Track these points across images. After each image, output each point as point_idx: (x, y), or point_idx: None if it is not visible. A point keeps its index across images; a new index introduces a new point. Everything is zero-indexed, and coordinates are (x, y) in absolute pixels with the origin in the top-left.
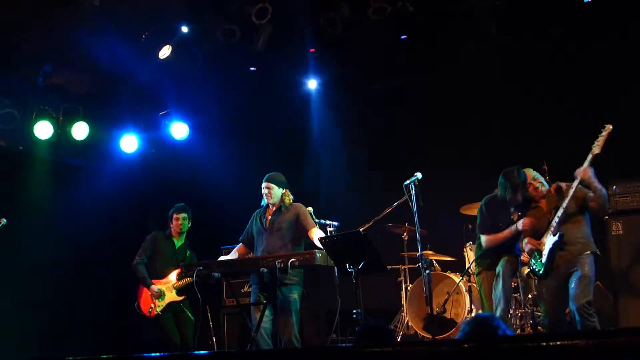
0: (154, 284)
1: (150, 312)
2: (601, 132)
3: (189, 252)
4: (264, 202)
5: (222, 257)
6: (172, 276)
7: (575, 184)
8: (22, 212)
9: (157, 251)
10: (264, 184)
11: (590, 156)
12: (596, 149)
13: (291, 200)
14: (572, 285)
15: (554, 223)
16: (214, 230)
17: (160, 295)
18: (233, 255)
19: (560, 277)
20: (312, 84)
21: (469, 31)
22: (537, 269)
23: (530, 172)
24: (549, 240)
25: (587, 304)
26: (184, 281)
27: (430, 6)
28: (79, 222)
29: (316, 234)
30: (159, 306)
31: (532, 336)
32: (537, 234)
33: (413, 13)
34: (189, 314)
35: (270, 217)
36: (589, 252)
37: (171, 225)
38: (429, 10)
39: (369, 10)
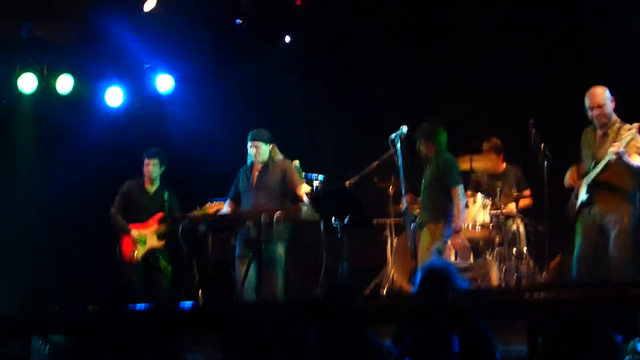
0: (132, 229)
1: (131, 258)
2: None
3: (166, 196)
4: (250, 159)
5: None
6: (152, 222)
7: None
8: (5, 167)
9: (131, 199)
10: (250, 143)
11: None
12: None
13: (279, 156)
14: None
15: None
16: (201, 183)
17: (140, 240)
18: (226, 210)
19: None
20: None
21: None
22: None
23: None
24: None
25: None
26: (163, 225)
27: None
28: (64, 177)
29: (304, 192)
30: (139, 251)
31: (523, 288)
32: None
33: None
34: (167, 264)
35: (257, 174)
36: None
37: (143, 172)
38: None
39: None
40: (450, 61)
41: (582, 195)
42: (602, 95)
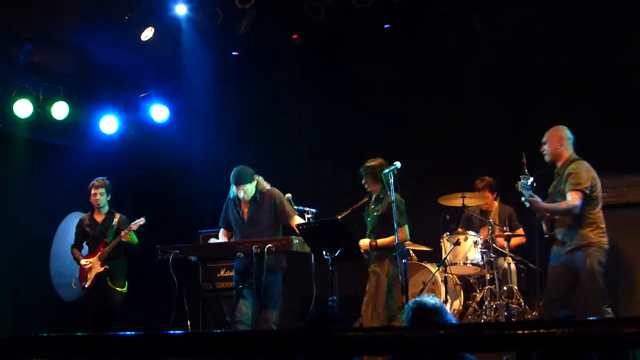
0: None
1: (84, 287)
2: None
3: (115, 220)
4: (233, 193)
5: (212, 240)
6: (99, 248)
7: None
8: None
9: (84, 232)
10: (235, 188)
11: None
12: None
13: (266, 186)
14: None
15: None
16: (192, 214)
17: (89, 269)
18: (222, 239)
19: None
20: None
21: (452, 23)
22: None
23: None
24: None
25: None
26: (105, 249)
27: None
28: (58, 202)
29: (296, 224)
30: (88, 279)
31: (513, 324)
32: None
33: (396, 3)
34: (113, 286)
35: (247, 209)
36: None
37: (91, 201)
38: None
39: None
40: (444, 97)
41: (548, 234)
42: (550, 132)
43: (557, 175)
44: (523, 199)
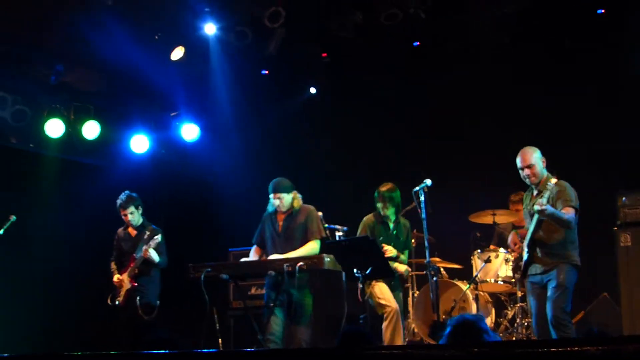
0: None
1: (115, 304)
2: None
3: (147, 234)
4: (272, 207)
5: (244, 259)
6: (131, 263)
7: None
8: (32, 211)
9: (120, 248)
10: (273, 195)
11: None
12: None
13: (300, 202)
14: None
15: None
16: (222, 232)
17: (120, 284)
18: (253, 257)
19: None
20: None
21: (481, 40)
22: None
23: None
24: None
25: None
26: (132, 266)
27: (442, 13)
28: (89, 221)
29: (310, 247)
30: (120, 296)
31: (545, 342)
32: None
33: (425, 20)
34: (141, 309)
35: (282, 222)
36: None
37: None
38: (441, 17)
39: (381, 16)
40: (472, 113)
41: (524, 256)
42: (531, 155)
43: (538, 193)
44: (537, 207)
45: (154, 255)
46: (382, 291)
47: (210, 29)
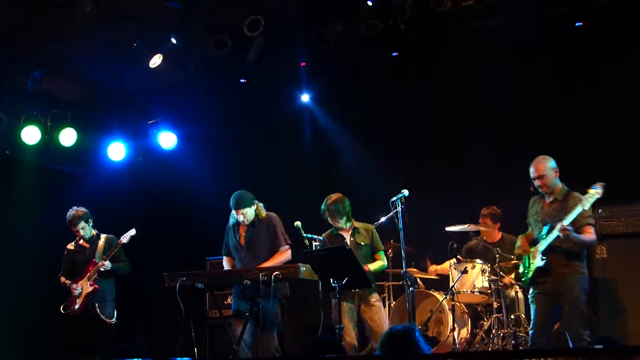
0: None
1: (71, 312)
2: (594, 189)
3: (101, 241)
4: (233, 219)
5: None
6: (88, 270)
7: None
8: (7, 217)
9: (73, 262)
10: (235, 212)
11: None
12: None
13: (264, 212)
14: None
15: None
16: (200, 240)
17: (79, 293)
18: (227, 267)
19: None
20: (305, 97)
21: (460, 51)
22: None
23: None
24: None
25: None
26: (94, 269)
27: (421, 25)
28: (65, 228)
29: (283, 256)
30: (77, 303)
31: (520, 352)
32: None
33: (404, 31)
34: (101, 315)
35: (245, 234)
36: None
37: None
38: (420, 29)
39: (361, 25)
40: (451, 125)
41: (538, 262)
42: (544, 166)
43: (553, 202)
44: (558, 233)
45: (109, 266)
46: (382, 320)
47: (189, 36)
